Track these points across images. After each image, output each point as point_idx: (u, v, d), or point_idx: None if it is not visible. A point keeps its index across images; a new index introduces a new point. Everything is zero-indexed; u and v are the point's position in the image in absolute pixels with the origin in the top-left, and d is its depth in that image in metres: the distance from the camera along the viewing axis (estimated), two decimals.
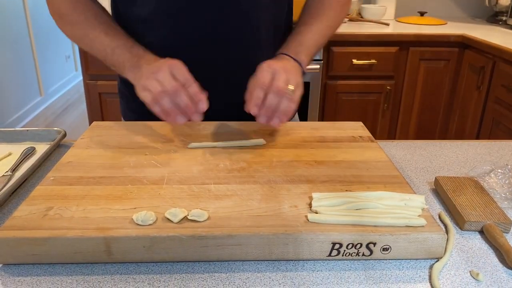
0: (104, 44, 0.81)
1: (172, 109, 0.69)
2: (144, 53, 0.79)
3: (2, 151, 0.79)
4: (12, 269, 0.51)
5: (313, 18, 0.90)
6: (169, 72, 0.69)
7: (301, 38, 0.86)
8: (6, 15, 3.23)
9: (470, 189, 0.67)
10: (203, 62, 0.82)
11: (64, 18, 0.86)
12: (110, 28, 0.83)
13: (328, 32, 0.91)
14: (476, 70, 1.98)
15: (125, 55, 0.79)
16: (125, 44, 0.81)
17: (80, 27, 0.85)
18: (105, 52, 0.82)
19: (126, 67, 0.78)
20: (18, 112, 3.37)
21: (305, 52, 0.83)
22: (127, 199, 0.59)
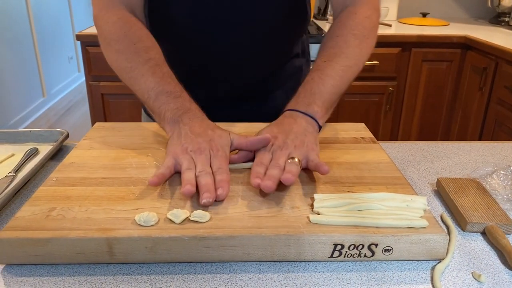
0: (148, 86, 0.73)
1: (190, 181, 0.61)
2: (190, 106, 0.72)
3: (5, 152, 0.80)
4: (15, 270, 0.52)
5: (326, 61, 0.78)
6: (208, 157, 0.64)
7: (312, 87, 0.75)
8: (9, 16, 3.24)
9: (472, 190, 0.67)
10: (224, 42, 0.82)
11: (112, 44, 0.80)
12: (158, 68, 0.75)
13: (348, 73, 0.79)
14: (478, 71, 1.98)
15: (168, 105, 0.71)
16: (171, 92, 0.73)
17: (127, 58, 0.77)
18: (147, 95, 0.73)
19: (166, 118, 0.71)
20: (21, 113, 3.38)
21: (318, 101, 0.74)
22: (129, 200, 0.59)
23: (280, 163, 0.63)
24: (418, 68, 2.13)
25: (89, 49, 2.02)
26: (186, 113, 0.70)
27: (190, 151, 0.65)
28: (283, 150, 0.66)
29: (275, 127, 0.71)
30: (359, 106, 2.19)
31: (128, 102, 2.11)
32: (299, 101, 0.74)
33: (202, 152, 0.64)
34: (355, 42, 0.80)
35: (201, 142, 0.66)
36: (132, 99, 2.09)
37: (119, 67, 0.79)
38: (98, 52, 2.01)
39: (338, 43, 0.80)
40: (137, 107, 2.12)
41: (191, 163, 0.63)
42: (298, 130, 0.69)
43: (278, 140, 0.68)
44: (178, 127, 0.69)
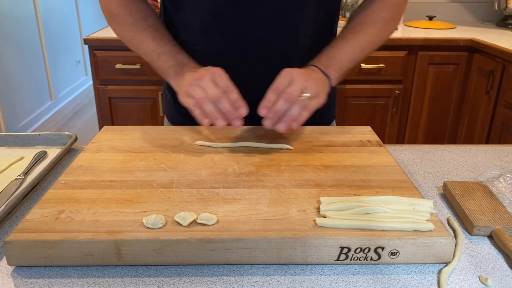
0: (150, 48, 0.85)
1: (214, 113, 0.71)
2: (188, 61, 0.82)
3: (14, 155, 0.81)
4: (25, 271, 0.52)
5: (352, 33, 0.87)
6: (211, 79, 0.72)
7: (335, 52, 0.84)
8: (18, 21, 3.28)
9: (479, 194, 0.67)
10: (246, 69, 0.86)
11: (115, 18, 0.90)
12: (157, 32, 0.86)
13: (368, 48, 0.88)
14: (485, 74, 1.97)
15: (169, 62, 0.82)
16: (170, 51, 0.84)
17: (129, 28, 0.88)
18: (151, 57, 0.85)
19: (170, 73, 0.82)
20: (29, 116, 3.41)
21: (336, 66, 0.82)
22: (137, 202, 0.59)
23: (293, 93, 0.70)
24: (424, 71, 2.13)
25: (96, 53, 2.04)
26: (186, 66, 0.81)
27: (194, 81, 0.73)
28: (302, 79, 0.72)
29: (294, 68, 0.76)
30: (366, 109, 2.19)
31: (135, 106, 2.12)
32: (321, 61, 0.83)
33: (204, 76, 0.72)
34: (380, 24, 0.89)
35: (201, 71, 0.75)
36: (139, 102, 2.11)
37: (124, 38, 0.90)
38: (105, 56, 2.03)
39: (367, 20, 0.89)
40: (145, 111, 2.14)
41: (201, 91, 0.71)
42: (317, 76, 0.79)
43: (300, 71, 0.74)
44: (181, 77, 0.79)
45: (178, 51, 0.84)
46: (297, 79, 0.72)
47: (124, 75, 2.05)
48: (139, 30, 0.86)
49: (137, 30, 0.87)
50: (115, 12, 0.89)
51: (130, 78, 2.06)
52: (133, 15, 0.88)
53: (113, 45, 2.02)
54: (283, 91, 0.71)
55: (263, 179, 0.66)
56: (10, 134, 0.86)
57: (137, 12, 0.88)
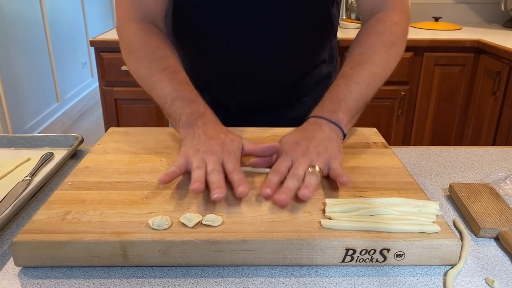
0: (165, 91, 0.76)
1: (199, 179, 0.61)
2: (204, 111, 0.73)
3: (21, 156, 0.81)
4: (31, 272, 0.53)
5: (353, 67, 0.78)
6: (219, 159, 0.64)
7: (339, 93, 0.75)
8: (25, 23, 3.30)
9: (485, 195, 0.66)
10: (247, 50, 0.84)
11: (132, 52, 0.83)
12: (175, 75, 0.78)
13: (375, 80, 0.78)
14: (492, 76, 1.96)
15: (184, 109, 0.73)
16: (187, 98, 0.75)
17: (146, 66, 0.80)
18: (164, 100, 0.76)
19: (181, 121, 0.72)
20: (36, 117, 3.44)
21: (344, 108, 0.73)
22: (143, 203, 0.60)
23: (300, 173, 0.62)
24: (430, 72, 2.12)
25: (102, 55, 2.05)
26: (200, 117, 0.71)
27: (202, 152, 0.65)
28: (305, 157, 0.65)
29: (298, 133, 0.70)
30: (371, 110, 2.18)
31: (141, 107, 2.13)
32: (324, 108, 0.74)
33: (214, 153, 0.65)
34: (383, 49, 0.80)
35: (213, 145, 0.66)
36: (145, 104, 2.12)
37: (139, 75, 0.82)
38: (111, 57, 2.04)
39: (366, 49, 0.80)
40: (150, 112, 2.15)
41: (201, 162, 0.64)
42: (321, 137, 0.68)
43: (300, 146, 0.67)
44: (192, 130, 0.70)
45: (195, 98, 0.75)
46: (298, 159, 0.65)
47: (130, 77, 2.03)
48: (157, 70, 0.78)
49: (155, 68, 0.79)
50: (134, 46, 0.83)
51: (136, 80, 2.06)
52: (153, 52, 0.81)
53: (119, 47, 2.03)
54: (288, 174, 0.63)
55: None
56: (17, 136, 0.87)
57: (157, 49, 0.81)
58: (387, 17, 0.83)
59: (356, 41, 0.83)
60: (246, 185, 0.60)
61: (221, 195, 0.58)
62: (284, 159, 0.66)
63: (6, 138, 0.86)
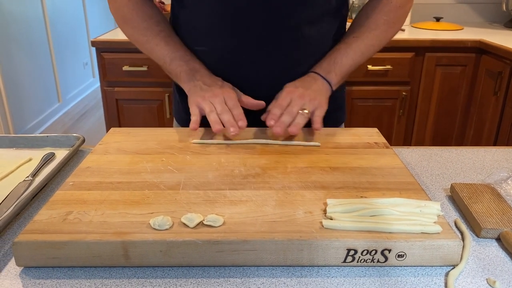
0: (163, 53, 0.90)
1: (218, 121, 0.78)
2: (200, 66, 0.88)
3: (23, 157, 0.81)
4: (33, 272, 0.53)
5: (355, 37, 0.91)
6: (222, 99, 0.81)
7: (337, 56, 0.89)
8: (27, 23, 3.31)
9: (486, 196, 0.66)
10: (251, 67, 0.90)
11: (128, 22, 0.93)
12: (169, 38, 0.91)
13: (370, 50, 0.92)
14: (493, 76, 1.96)
15: (182, 67, 0.87)
16: (183, 56, 0.89)
17: (143, 33, 0.92)
18: (163, 60, 0.90)
19: (182, 78, 0.87)
20: (37, 117, 3.44)
21: (337, 71, 0.88)
22: (144, 204, 0.60)
23: (294, 111, 0.79)
24: (431, 72, 2.12)
25: (104, 55, 2.05)
26: (197, 72, 0.87)
27: (208, 97, 0.81)
28: (300, 99, 0.81)
29: (298, 82, 0.86)
30: (372, 111, 2.18)
31: (142, 108, 2.13)
32: (322, 67, 0.89)
33: (217, 96, 0.81)
34: (383, 27, 0.91)
35: (214, 89, 0.82)
36: (146, 104, 2.12)
37: (137, 41, 0.94)
38: (112, 58, 2.04)
39: (370, 24, 0.91)
40: (151, 112, 2.15)
41: (211, 106, 0.80)
42: (315, 88, 0.85)
43: (299, 90, 0.83)
44: (193, 83, 0.85)
45: (190, 57, 0.89)
46: (295, 99, 0.81)
47: (131, 77, 2.06)
48: (153, 35, 0.90)
49: (150, 34, 0.91)
50: (128, 16, 0.92)
51: (137, 80, 2.07)
52: (146, 20, 0.91)
53: (120, 47, 2.03)
54: (286, 108, 0.80)
55: (270, 181, 0.66)
56: (19, 136, 0.87)
57: (150, 17, 0.92)
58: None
59: (362, 14, 0.94)
60: (244, 119, 0.79)
61: (237, 131, 0.77)
62: (285, 98, 0.82)
63: (7, 138, 0.86)
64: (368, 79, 2.10)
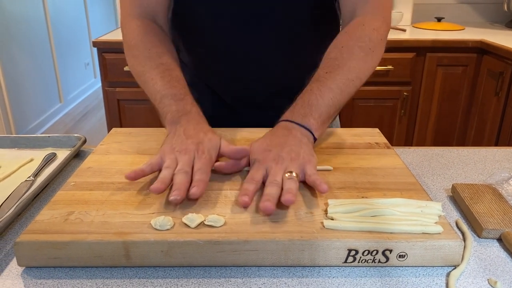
0: (156, 89, 0.77)
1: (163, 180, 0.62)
2: (191, 109, 0.74)
3: (24, 157, 0.82)
4: (34, 272, 0.53)
5: (328, 72, 0.75)
6: (191, 158, 0.65)
7: (310, 98, 0.72)
8: (28, 24, 3.31)
9: (488, 196, 0.66)
10: (250, 42, 0.85)
11: (131, 49, 0.85)
12: (167, 72, 0.79)
13: (349, 87, 0.75)
14: (494, 76, 1.96)
15: (170, 107, 0.74)
16: (175, 95, 0.75)
17: (141, 63, 0.82)
18: (154, 97, 0.78)
19: (167, 119, 0.74)
20: (38, 118, 3.45)
21: (315, 114, 0.71)
22: (145, 204, 0.60)
23: (278, 180, 0.61)
24: (433, 73, 2.12)
25: (105, 56, 2.05)
26: (184, 115, 0.72)
27: (176, 151, 0.66)
28: (279, 164, 0.64)
29: (268, 139, 0.69)
30: (374, 111, 2.18)
31: (143, 108, 2.14)
32: (295, 112, 0.72)
33: (187, 152, 0.66)
34: (360, 55, 0.77)
35: (189, 144, 0.67)
36: (148, 104, 2.12)
37: (135, 71, 0.84)
38: (114, 58, 2.05)
39: (343, 54, 0.77)
40: (153, 113, 2.15)
41: (173, 162, 0.65)
42: (293, 142, 0.67)
43: (272, 153, 0.65)
44: (175, 128, 0.71)
45: (183, 96, 0.75)
46: (272, 167, 0.64)
47: (132, 78, 2.05)
48: (151, 67, 0.80)
49: (149, 66, 0.80)
50: (132, 43, 0.84)
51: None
52: (148, 49, 0.82)
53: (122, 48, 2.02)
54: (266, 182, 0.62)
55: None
56: (20, 136, 0.87)
57: (153, 46, 0.82)
58: (367, 21, 0.80)
59: (334, 44, 0.80)
60: (201, 187, 0.60)
61: (178, 198, 0.58)
62: (258, 168, 0.64)
63: (9, 139, 0.87)
64: (369, 79, 2.09)
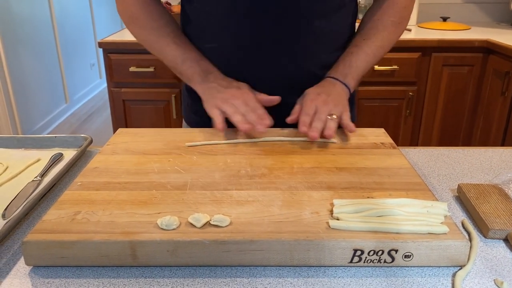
0: (174, 54, 0.89)
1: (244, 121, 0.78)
2: (213, 68, 0.88)
3: (31, 157, 0.82)
4: (42, 271, 0.53)
5: (365, 39, 0.92)
6: (243, 100, 0.81)
7: (351, 60, 0.90)
8: (34, 25, 3.33)
9: (494, 196, 0.66)
10: (262, 64, 0.90)
11: (136, 21, 0.93)
12: (179, 38, 0.91)
13: (380, 52, 0.93)
14: (500, 76, 1.95)
15: (194, 68, 0.87)
16: (194, 57, 0.88)
17: (152, 32, 0.91)
18: (174, 62, 0.89)
19: (195, 79, 0.87)
20: (44, 118, 3.46)
21: (354, 74, 0.89)
22: (151, 204, 0.60)
23: (323, 117, 0.79)
24: (438, 72, 2.11)
25: (111, 56, 2.06)
26: (210, 73, 0.87)
27: (227, 98, 0.81)
28: (325, 106, 0.81)
29: (319, 88, 0.86)
30: (379, 111, 2.17)
31: (149, 108, 2.14)
32: (338, 71, 0.89)
33: (237, 97, 0.82)
34: (391, 28, 0.93)
35: (232, 91, 0.83)
36: (153, 105, 2.13)
37: (145, 41, 0.94)
38: (119, 59, 2.06)
39: (378, 26, 0.93)
40: (158, 113, 2.16)
41: (233, 107, 0.80)
42: (336, 92, 0.85)
43: (321, 97, 0.82)
44: (207, 85, 0.85)
45: (201, 57, 0.89)
46: (321, 106, 0.81)
47: (137, 78, 2.07)
48: (162, 35, 0.90)
49: (160, 34, 0.90)
50: (136, 16, 0.92)
51: (143, 81, 2.08)
52: (155, 20, 0.91)
53: (127, 48, 2.04)
54: (313, 116, 0.79)
55: (276, 181, 0.66)
56: (27, 137, 0.88)
57: (159, 17, 0.92)
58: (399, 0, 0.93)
59: (369, 16, 0.96)
60: (268, 118, 0.79)
61: (265, 128, 0.77)
62: (310, 106, 0.81)
63: (16, 139, 0.87)
64: (374, 79, 2.10)
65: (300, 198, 0.61)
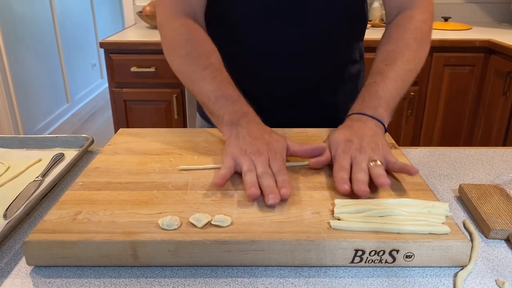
0: (208, 89, 0.77)
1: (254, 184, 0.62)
2: (247, 110, 0.74)
3: (32, 157, 0.82)
4: (43, 271, 0.53)
5: (388, 64, 0.80)
6: (267, 159, 0.66)
7: (377, 90, 0.77)
8: (36, 25, 3.33)
9: (495, 196, 0.66)
10: (283, 41, 0.86)
11: (176, 49, 0.84)
12: (218, 73, 0.79)
13: (409, 77, 0.81)
14: (502, 76, 1.94)
15: (227, 108, 0.74)
16: (230, 96, 0.76)
17: (189, 62, 0.81)
18: (207, 98, 0.77)
19: (224, 120, 0.73)
20: (46, 118, 3.47)
21: (384, 105, 0.75)
22: (152, 204, 0.60)
23: (364, 167, 0.64)
24: (440, 72, 2.11)
25: (112, 56, 2.06)
26: (243, 117, 0.72)
27: (249, 153, 0.66)
28: (363, 154, 0.66)
29: (346, 130, 0.71)
30: None
31: (150, 108, 2.14)
32: (364, 105, 0.76)
33: (261, 154, 0.66)
34: (414, 46, 0.82)
35: (260, 145, 0.67)
36: (154, 105, 2.13)
37: (181, 71, 0.83)
38: (121, 59, 2.06)
39: (399, 46, 0.82)
40: (159, 113, 2.16)
41: (251, 164, 0.65)
42: (370, 133, 0.70)
43: (354, 144, 0.68)
44: (236, 129, 0.71)
45: (237, 97, 0.76)
46: (357, 156, 0.66)
47: (139, 78, 2.07)
48: (201, 67, 0.79)
49: (198, 66, 0.79)
50: (177, 43, 0.83)
51: (145, 81, 2.08)
52: (196, 49, 0.81)
53: (128, 49, 2.04)
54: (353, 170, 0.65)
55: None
56: (29, 137, 0.88)
57: (201, 46, 0.82)
58: (416, 14, 0.86)
59: (387, 37, 0.86)
60: (289, 188, 0.61)
61: (276, 200, 0.59)
62: (344, 157, 0.67)
63: (17, 139, 0.87)
64: None
65: (301, 198, 0.61)
